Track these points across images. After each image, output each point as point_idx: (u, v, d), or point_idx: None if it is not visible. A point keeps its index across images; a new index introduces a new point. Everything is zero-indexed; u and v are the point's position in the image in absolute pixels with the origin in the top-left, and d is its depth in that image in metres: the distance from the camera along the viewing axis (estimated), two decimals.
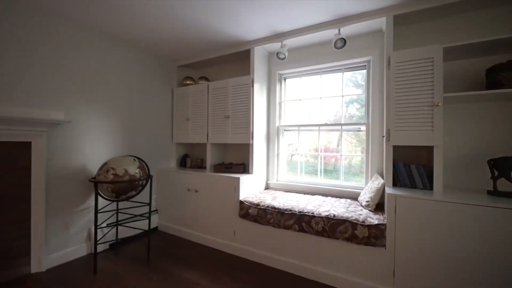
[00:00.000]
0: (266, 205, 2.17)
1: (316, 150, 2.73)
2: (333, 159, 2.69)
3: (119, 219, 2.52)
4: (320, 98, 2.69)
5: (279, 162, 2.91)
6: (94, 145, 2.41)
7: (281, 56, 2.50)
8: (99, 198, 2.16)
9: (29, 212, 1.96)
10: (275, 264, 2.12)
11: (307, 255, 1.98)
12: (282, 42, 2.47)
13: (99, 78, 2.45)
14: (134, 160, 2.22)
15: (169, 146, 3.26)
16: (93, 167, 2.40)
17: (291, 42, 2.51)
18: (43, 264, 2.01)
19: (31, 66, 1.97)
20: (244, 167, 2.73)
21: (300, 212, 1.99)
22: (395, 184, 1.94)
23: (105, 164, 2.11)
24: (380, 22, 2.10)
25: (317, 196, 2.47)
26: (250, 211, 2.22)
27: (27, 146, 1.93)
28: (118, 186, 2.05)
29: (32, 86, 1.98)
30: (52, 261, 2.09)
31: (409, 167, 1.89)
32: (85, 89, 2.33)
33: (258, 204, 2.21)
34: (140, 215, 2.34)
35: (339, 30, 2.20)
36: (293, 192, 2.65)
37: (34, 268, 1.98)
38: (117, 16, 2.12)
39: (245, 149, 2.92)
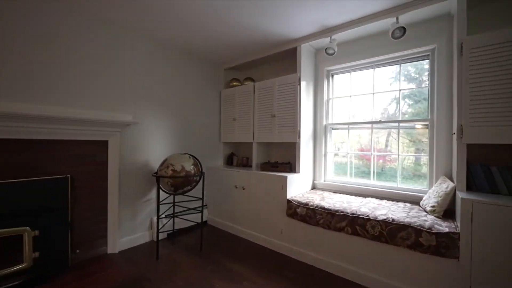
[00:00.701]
0: (315, 205, 2.12)
1: (362, 150, 2.56)
2: (380, 160, 2.49)
3: (175, 211, 2.75)
4: (373, 93, 2.51)
5: (326, 161, 2.81)
6: (155, 144, 2.69)
7: (330, 51, 2.41)
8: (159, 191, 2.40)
9: (106, 201, 2.29)
10: (323, 265, 2.06)
11: (360, 259, 1.86)
12: (331, 37, 2.38)
13: (158, 84, 2.72)
14: (189, 157, 2.40)
15: (217, 145, 3.43)
16: (154, 163, 2.68)
17: (341, 36, 2.40)
18: (117, 246, 2.33)
19: (106, 77, 2.29)
20: (290, 166, 2.71)
21: (353, 214, 1.89)
22: (470, 188, 1.69)
23: (165, 160, 2.33)
24: (448, 5, 1.86)
25: (370, 198, 2.31)
26: (298, 210, 2.20)
27: (105, 144, 2.26)
28: (176, 181, 2.24)
29: (107, 93, 2.30)
30: (123, 244, 2.40)
31: (488, 169, 1.63)
32: (147, 95, 2.62)
33: (306, 204, 2.17)
34: (194, 209, 2.52)
35: (397, 18, 2.02)
36: (342, 193, 2.53)
37: (110, 249, 2.31)
38: (175, 27, 2.33)
39: (291, 148, 2.90)
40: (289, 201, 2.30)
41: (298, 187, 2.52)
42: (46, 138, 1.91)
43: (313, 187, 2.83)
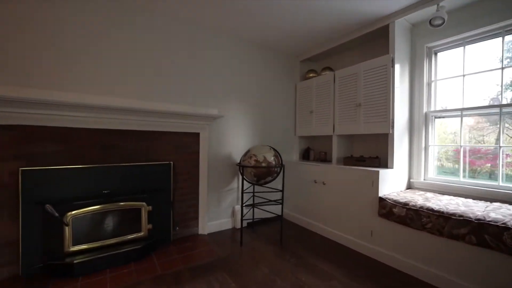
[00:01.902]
0: (419, 205, 1.78)
1: (479, 142, 2.00)
2: (508, 159, 1.88)
3: (254, 202, 2.85)
4: (502, 68, 1.94)
5: (427, 157, 2.35)
6: (236, 137, 2.85)
7: (437, 22, 1.99)
8: (240, 182, 2.51)
9: (198, 186, 2.55)
10: (427, 277, 1.70)
11: (488, 279, 1.45)
12: (438, 4, 1.96)
13: (238, 80, 2.86)
14: (270, 149, 2.43)
15: (292, 139, 3.38)
16: (236, 154, 2.84)
17: (452, 0, 1.95)
18: (206, 228, 2.57)
19: (195, 74, 2.56)
20: (379, 161, 2.39)
21: (478, 220, 1.48)
22: None
23: (248, 151, 2.43)
24: None
25: (498, 203, 1.78)
26: (395, 210, 1.90)
27: (197, 136, 2.53)
28: (258, 171, 2.30)
29: (197, 90, 2.56)
30: (210, 228, 2.63)
31: None
32: (230, 90, 2.79)
33: (406, 204, 1.85)
34: (275, 201, 2.53)
35: None
36: (452, 195, 2.06)
37: (200, 230, 2.57)
38: (252, 22, 2.40)
39: (379, 140, 2.57)
40: (382, 200, 2.03)
41: (391, 184, 2.20)
42: (156, 129, 2.27)
43: (409, 187, 2.42)
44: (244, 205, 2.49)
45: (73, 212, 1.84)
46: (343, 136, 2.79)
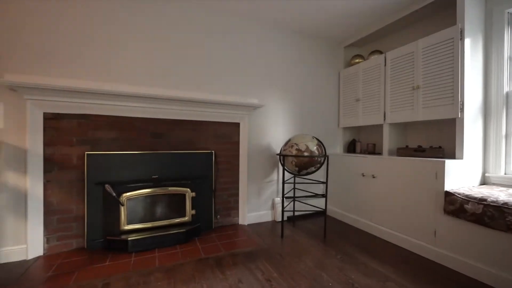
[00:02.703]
0: (502, 201, 1.46)
1: None
2: None
3: (295, 195, 2.74)
4: None
5: (509, 146, 1.94)
6: (276, 127, 2.78)
7: None
8: (281, 173, 2.43)
9: (238, 176, 2.55)
10: None
11: None
12: None
13: (278, 69, 2.79)
14: (312, 138, 2.29)
15: (335, 131, 3.17)
16: (276, 145, 2.77)
17: None
18: (246, 219, 2.56)
19: (234, 64, 2.56)
20: (443, 152, 2.06)
21: None
22: None
23: (289, 140, 2.34)
24: None
25: None
26: (467, 207, 1.60)
27: (237, 126, 2.53)
28: (300, 161, 2.19)
29: (237, 80, 2.56)
30: (250, 219, 2.61)
31: None
32: (269, 80, 2.74)
33: (483, 200, 1.54)
34: (318, 195, 2.39)
35: None
36: None
37: (240, 220, 2.56)
38: (292, 5, 2.29)
39: (441, 127, 2.22)
40: (449, 194, 1.73)
41: (460, 178, 1.87)
42: (199, 119, 2.34)
43: (483, 182, 2.03)
44: (285, 196, 2.41)
45: (127, 194, 1.99)
46: (396, 125, 2.50)
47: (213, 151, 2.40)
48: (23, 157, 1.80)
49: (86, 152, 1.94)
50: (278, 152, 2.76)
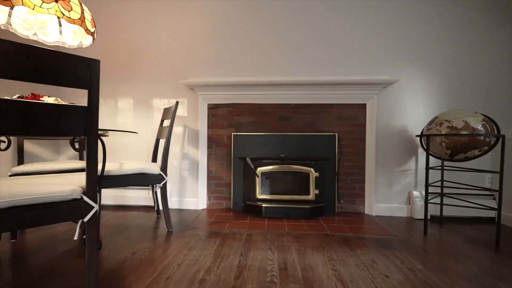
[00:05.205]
0: None
1: None
2: None
3: (443, 190, 2.18)
4: None
5: None
6: (416, 106, 2.34)
7: None
8: (419, 161, 2.01)
9: (364, 162, 2.36)
10: None
11: None
12: None
13: (417, 33, 2.33)
14: (476, 113, 1.75)
15: None
16: (413, 127, 2.33)
17: None
18: (373, 209, 2.32)
19: (359, 38, 2.37)
20: None
21: None
22: None
23: (435, 118, 1.90)
24: None
25: None
26: None
27: (363, 107, 2.35)
28: (455, 141, 1.73)
29: (363, 55, 2.37)
30: (379, 210, 2.34)
31: None
32: (405, 50, 2.34)
33: None
34: (484, 189, 1.79)
35: None
36: None
37: (367, 210, 2.35)
38: None
39: None
40: None
41: None
42: (322, 102, 2.37)
43: None
44: (429, 187, 1.98)
45: (261, 168, 2.33)
46: None
47: (336, 134, 2.35)
48: (196, 136, 2.52)
49: (232, 133, 2.45)
50: (417, 134, 2.30)
